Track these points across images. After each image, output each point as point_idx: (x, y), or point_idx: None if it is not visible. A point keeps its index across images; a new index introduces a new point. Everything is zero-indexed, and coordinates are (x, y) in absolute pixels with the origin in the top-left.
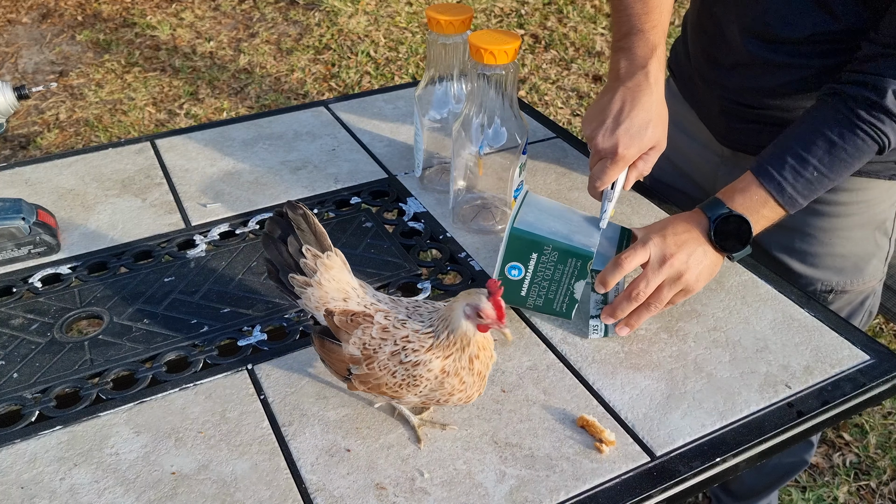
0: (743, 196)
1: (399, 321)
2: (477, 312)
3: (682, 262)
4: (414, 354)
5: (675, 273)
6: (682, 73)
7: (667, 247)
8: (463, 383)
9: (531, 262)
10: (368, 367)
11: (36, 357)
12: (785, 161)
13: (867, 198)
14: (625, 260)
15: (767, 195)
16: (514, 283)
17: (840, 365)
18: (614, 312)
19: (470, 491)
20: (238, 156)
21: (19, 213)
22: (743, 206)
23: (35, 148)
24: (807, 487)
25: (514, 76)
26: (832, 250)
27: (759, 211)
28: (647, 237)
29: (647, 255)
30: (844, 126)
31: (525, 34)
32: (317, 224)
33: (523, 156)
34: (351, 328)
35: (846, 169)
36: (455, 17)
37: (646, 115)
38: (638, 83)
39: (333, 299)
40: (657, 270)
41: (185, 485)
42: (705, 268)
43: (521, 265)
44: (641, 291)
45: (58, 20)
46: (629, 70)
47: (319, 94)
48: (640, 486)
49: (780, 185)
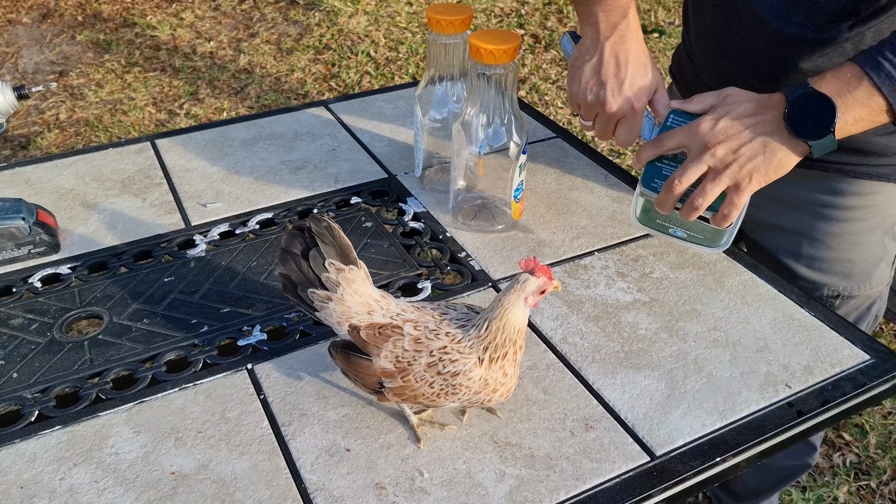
0: (833, 76)
1: (430, 331)
2: (541, 292)
3: (729, 151)
4: (452, 365)
5: (718, 163)
6: (685, 79)
7: (713, 134)
8: (506, 375)
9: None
10: (404, 379)
11: (36, 357)
12: (885, 43)
13: (877, 202)
14: (661, 140)
15: (861, 73)
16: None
17: (840, 365)
18: (659, 204)
19: (470, 491)
20: (238, 156)
21: (19, 213)
22: (831, 86)
23: (35, 148)
24: (807, 487)
25: (514, 76)
26: (840, 255)
27: (850, 93)
28: (703, 117)
29: (689, 139)
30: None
31: (525, 34)
32: (342, 236)
33: (523, 156)
34: (380, 342)
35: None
36: (455, 17)
37: (641, 64)
38: (622, 35)
39: (357, 314)
40: (697, 159)
41: (185, 485)
42: (763, 160)
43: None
44: (676, 181)
45: (58, 20)
46: (609, 23)
47: (319, 94)
48: (640, 486)
49: (878, 61)
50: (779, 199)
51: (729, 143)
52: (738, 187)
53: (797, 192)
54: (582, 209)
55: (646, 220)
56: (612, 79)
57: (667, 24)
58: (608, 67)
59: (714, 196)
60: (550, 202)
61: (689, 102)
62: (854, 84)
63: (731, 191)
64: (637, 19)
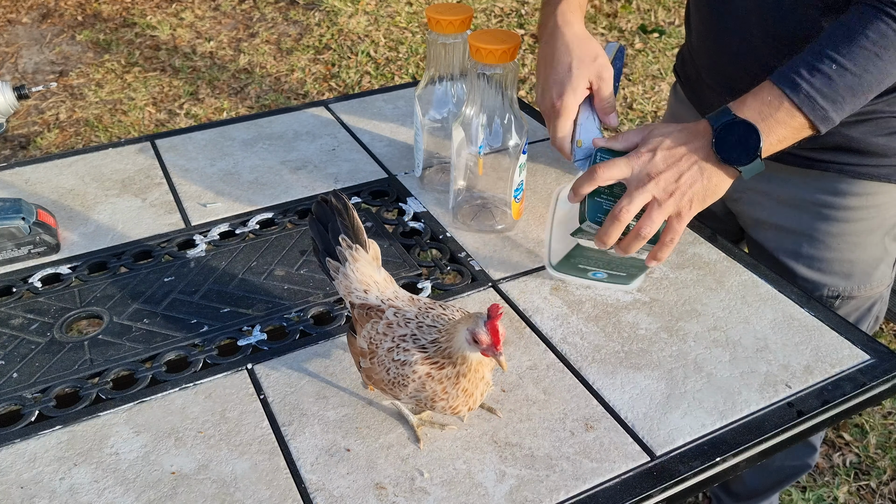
0: (754, 99)
1: (405, 320)
2: (474, 338)
3: (671, 180)
4: (404, 354)
5: (662, 193)
6: (689, 77)
7: (653, 164)
8: (445, 393)
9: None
10: (371, 361)
11: (36, 357)
12: (800, 60)
13: (878, 202)
14: (601, 171)
15: (781, 95)
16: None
17: (840, 365)
18: (603, 235)
19: (470, 491)
20: (238, 156)
21: (19, 213)
22: (753, 111)
23: (35, 148)
24: (807, 487)
25: (513, 76)
26: (840, 255)
27: (772, 115)
28: (636, 151)
29: (630, 170)
30: (864, 14)
31: (525, 34)
32: (354, 217)
33: (523, 156)
34: (365, 321)
35: (872, 63)
36: (455, 17)
37: (565, 57)
38: (551, 32)
39: (356, 290)
40: (642, 188)
41: (185, 484)
42: (701, 188)
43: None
44: (624, 209)
45: (58, 20)
46: (544, 23)
47: (319, 94)
48: (640, 486)
49: (794, 82)
50: (779, 198)
51: (670, 171)
52: (680, 214)
53: (798, 192)
54: None
55: (565, 266)
56: (540, 79)
57: (667, 24)
58: (539, 68)
59: (660, 224)
60: (550, 202)
61: (615, 140)
62: (775, 106)
63: (672, 218)
64: (570, 12)
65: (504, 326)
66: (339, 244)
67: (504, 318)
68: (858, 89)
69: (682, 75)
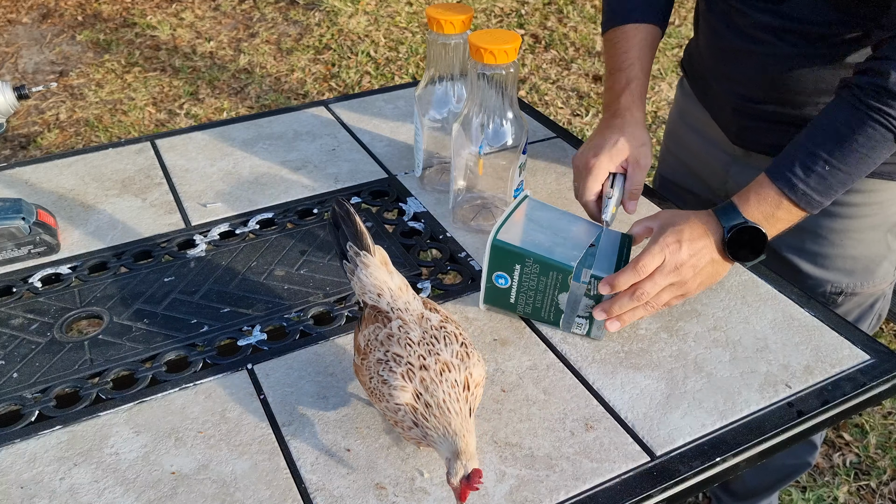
0: (757, 198)
1: (406, 339)
2: (448, 476)
3: (690, 270)
4: (390, 375)
5: (680, 279)
6: (695, 73)
7: (681, 254)
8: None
9: (515, 272)
10: (362, 362)
11: (36, 357)
12: (795, 158)
13: (880, 199)
14: (642, 266)
15: (781, 195)
16: (502, 291)
17: (840, 365)
18: (611, 309)
19: None
20: (238, 156)
21: (19, 213)
22: (758, 211)
23: (35, 148)
24: (807, 487)
25: (514, 76)
26: (843, 252)
27: (773, 214)
28: (663, 240)
29: (663, 259)
30: (852, 115)
31: (525, 34)
32: (357, 223)
33: (523, 156)
34: (371, 322)
35: (861, 161)
36: (455, 17)
37: (615, 133)
38: (612, 112)
39: (369, 293)
40: (666, 275)
41: (185, 485)
42: (709, 276)
43: (506, 275)
44: (646, 292)
45: (58, 20)
46: (608, 104)
47: (319, 94)
48: (640, 486)
49: (792, 182)
50: None
51: (690, 263)
52: (684, 296)
53: None
54: (582, 209)
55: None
56: (585, 143)
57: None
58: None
59: (663, 302)
60: (550, 202)
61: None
62: (775, 205)
63: (675, 298)
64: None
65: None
66: (348, 250)
67: (503, 319)
68: (848, 181)
69: (688, 71)
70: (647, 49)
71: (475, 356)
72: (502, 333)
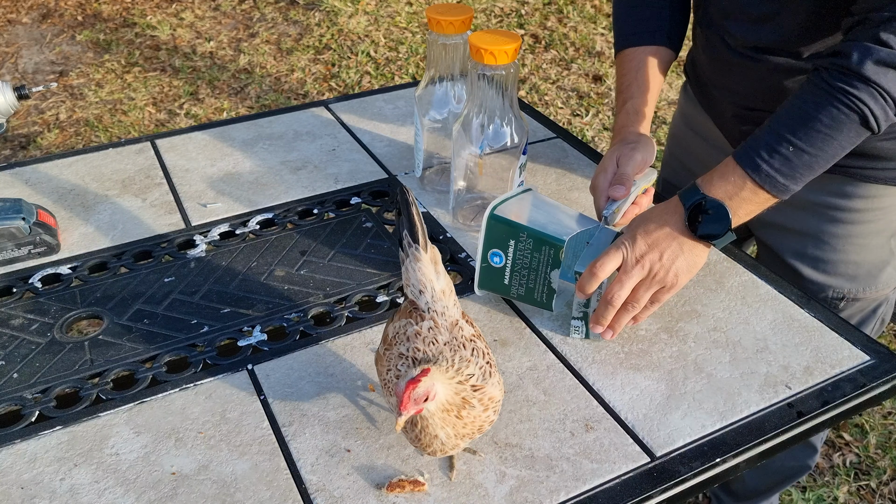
0: (721, 178)
1: (433, 339)
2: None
3: (654, 260)
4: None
5: (648, 273)
6: (698, 79)
7: (637, 247)
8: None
9: (510, 248)
10: (384, 351)
11: (36, 357)
12: (761, 140)
13: (883, 205)
14: (598, 267)
15: (745, 176)
16: (497, 271)
17: (840, 365)
18: (598, 319)
19: (470, 491)
20: (238, 156)
21: (19, 213)
22: (721, 190)
23: (35, 148)
24: (807, 487)
25: (514, 76)
26: (846, 257)
27: (737, 194)
28: (620, 239)
29: (621, 259)
30: (817, 96)
31: (525, 34)
32: (413, 215)
33: (523, 156)
34: (405, 315)
35: (826, 143)
36: (455, 17)
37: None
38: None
39: (412, 286)
40: (629, 273)
41: (185, 485)
42: (684, 262)
43: (501, 252)
44: (616, 295)
45: (58, 20)
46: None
47: (319, 94)
48: (640, 487)
49: (756, 163)
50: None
51: (652, 252)
52: (666, 288)
53: (804, 194)
54: (582, 209)
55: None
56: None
57: None
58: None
59: (644, 300)
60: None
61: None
62: (740, 185)
63: (659, 291)
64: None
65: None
66: (403, 239)
67: (503, 319)
68: (815, 164)
69: (691, 76)
70: (644, 68)
71: (497, 377)
72: (503, 334)
